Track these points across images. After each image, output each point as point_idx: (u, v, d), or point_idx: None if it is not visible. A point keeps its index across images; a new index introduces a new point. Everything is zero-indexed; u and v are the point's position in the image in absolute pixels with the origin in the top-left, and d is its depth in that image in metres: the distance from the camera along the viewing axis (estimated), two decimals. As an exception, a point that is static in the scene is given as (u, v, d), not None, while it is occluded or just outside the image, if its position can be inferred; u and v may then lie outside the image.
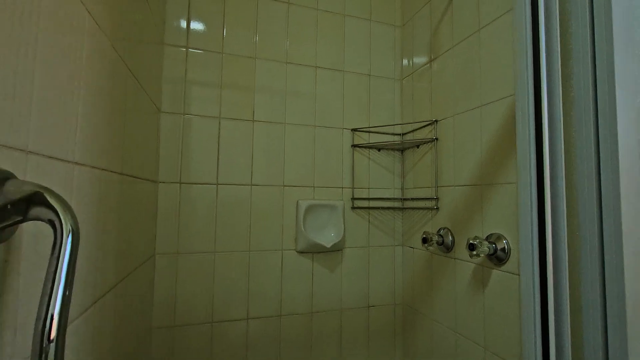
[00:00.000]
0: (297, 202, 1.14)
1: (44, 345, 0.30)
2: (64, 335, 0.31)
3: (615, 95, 0.46)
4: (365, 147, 1.21)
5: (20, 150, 0.33)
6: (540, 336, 0.52)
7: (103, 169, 0.56)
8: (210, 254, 1.05)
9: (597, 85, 0.48)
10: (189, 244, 1.03)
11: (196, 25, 1.09)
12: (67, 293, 0.31)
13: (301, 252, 1.14)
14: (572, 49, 0.52)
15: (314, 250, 1.14)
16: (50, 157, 0.39)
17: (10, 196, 0.29)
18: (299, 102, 1.18)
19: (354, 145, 1.22)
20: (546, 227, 0.53)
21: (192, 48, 1.08)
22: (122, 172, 0.68)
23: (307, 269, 1.14)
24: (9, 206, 0.29)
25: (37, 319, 0.30)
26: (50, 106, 0.39)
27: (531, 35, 0.56)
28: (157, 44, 0.99)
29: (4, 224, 0.29)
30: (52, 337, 0.30)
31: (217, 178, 1.07)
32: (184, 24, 1.08)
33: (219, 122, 1.09)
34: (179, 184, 1.04)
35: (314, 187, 1.17)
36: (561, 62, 0.52)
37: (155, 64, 0.98)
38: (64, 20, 0.41)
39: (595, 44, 0.49)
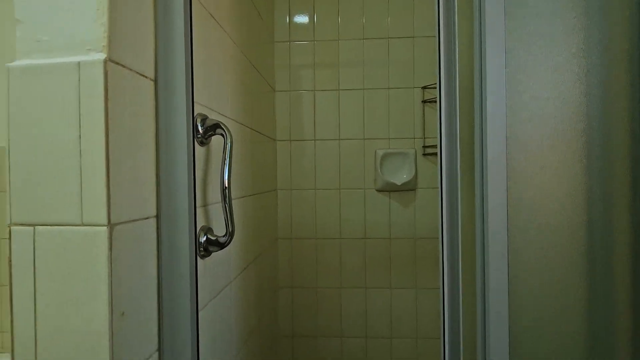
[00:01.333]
0: (375, 151, 1.43)
1: (224, 189, 0.72)
2: (229, 185, 0.72)
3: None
4: (433, 101, 1.38)
5: (210, 109, 0.75)
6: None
7: (241, 124, 0.99)
8: (312, 190, 1.46)
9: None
10: (298, 183, 1.46)
11: (295, 22, 1.47)
12: (229, 167, 0.72)
13: (379, 190, 1.43)
14: None
15: (390, 189, 1.41)
16: (219, 113, 0.81)
17: (208, 123, 0.71)
18: (375, 70, 1.44)
19: (424, 101, 1.41)
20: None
21: (293, 40, 1.47)
22: (253, 128, 1.11)
23: (385, 204, 1.43)
24: (208, 128, 0.71)
25: (221, 178, 0.71)
26: (220, 88, 0.81)
27: None
28: (269, 42, 1.41)
29: (207, 135, 0.71)
30: (225, 185, 0.72)
31: (314, 135, 1.46)
32: (286, 24, 1.47)
33: (314, 94, 1.46)
34: (289, 142, 1.47)
35: (389, 138, 1.43)
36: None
37: (269, 56, 1.41)
38: (221, 45, 0.83)
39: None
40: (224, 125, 0.70)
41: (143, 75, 0.52)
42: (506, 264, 0.54)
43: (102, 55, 0.44)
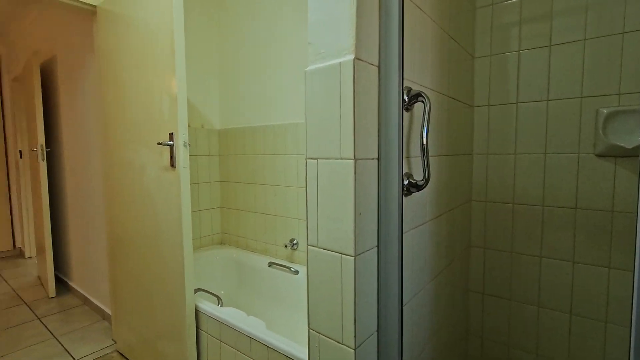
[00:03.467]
0: (597, 110, 1.23)
1: (423, 144, 0.92)
2: (427, 141, 0.91)
3: None
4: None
5: (413, 81, 0.96)
6: None
7: (438, 92, 1.15)
8: (511, 155, 1.43)
9: None
10: (496, 147, 1.47)
11: (500, -18, 1.43)
12: (427, 127, 0.90)
13: (600, 155, 1.23)
14: None
15: (615, 154, 1.19)
16: (420, 84, 1.01)
17: (412, 93, 0.92)
18: (604, 12, 1.21)
19: (684, 39, 1.07)
20: None
21: (496, 2, 1.44)
22: (449, 95, 1.24)
23: (607, 170, 1.23)
24: (412, 97, 0.92)
25: (421, 135, 0.92)
26: (421, 63, 1.00)
27: None
28: (470, 10, 1.45)
29: (411, 103, 0.92)
30: (424, 142, 0.91)
31: (516, 98, 1.41)
32: (489, -14, 1.45)
33: (518, 55, 1.40)
34: (487, 107, 1.49)
35: (619, 94, 1.19)
36: None
37: (469, 24, 1.45)
38: (423, 27, 1.01)
39: None
40: (424, 94, 0.90)
41: (371, 64, 0.78)
42: None
43: (352, 56, 0.72)
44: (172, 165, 1.46)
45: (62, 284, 2.88)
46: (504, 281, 1.51)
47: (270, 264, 2.10)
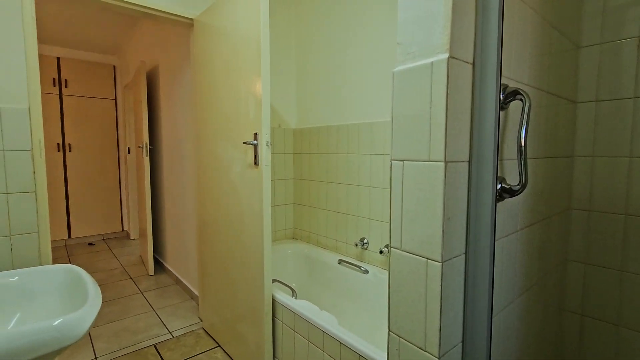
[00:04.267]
0: None
1: (520, 146, 0.84)
2: (525, 143, 0.83)
3: None
4: None
5: (509, 78, 0.89)
6: None
7: (536, 88, 1.04)
8: (625, 158, 1.23)
9: None
10: (604, 149, 1.28)
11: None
12: (526, 128, 0.83)
13: None
14: None
15: None
16: (516, 80, 0.92)
17: (508, 91, 0.85)
18: None
19: None
20: None
21: (612, -19, 1.24)
22: (548, 91, 1.12)
23: None
24: (507, 95, 0.85)
25: (518, 136, 0.84)
26: (519, 58, 0.92)
27: None
28: (576, -7, 1.28)
29: (507, 101, 0.85)
30: (522, 144, 0.84)
31: (635, 91, 1.21)
32: (603, -37, 1.26)
33: (639, 40, 1.19)
34: (594, 102, 1.30)
35: None
36: None
37: (575, 7, 1.28)
38: (522, 19, 0.92)
39: None
40: (523, 91, 0.82)
41: (465, 62, 0.74)
42: None
43: (446, 55, 0.69)
44: (256, 163, 1.57)
45: (158, 264, 3.30)
46: (609, 303, 1.31)
47: (340, 262, 2.13)
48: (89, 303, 0.85)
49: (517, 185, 0.83)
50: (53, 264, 3.22)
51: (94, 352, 1.88)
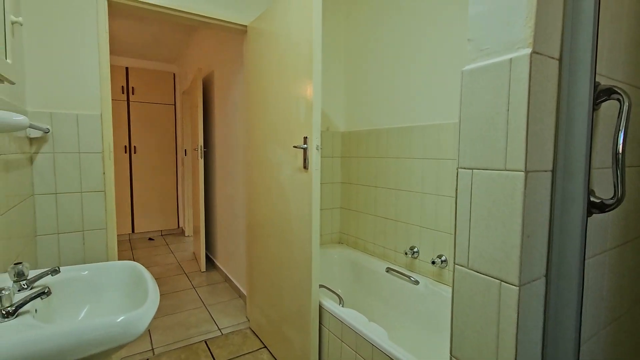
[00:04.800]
0: None
1: (617, 153, 0.72)
2: (623, 150, 0.71)
3: None
4: None
5: (599, 74, 0.77)
6: None
7: (634, 86, 0.89)
8: None
9: None
10: None
11: None
12: (625, 132, 0.70)
13: None
14: None
15: None
16: (608, 77, 0.80)
17: (600, 89, 0.73)
18: None
19: None
20: None
21: None
22: (646, 89, 0.96)
23: None
24: (599, 94, 0.73)
25: (615, 142, 0.72)
26: (611, 52, 0.79)
27: None
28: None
29: (598, 102, 0.74)
30: (619, 150, 0.72)
31: None
32: None
33: None
34: None
35: None
36: None
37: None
38: (620, 2, 0.79)
39: None
40: (620, 89, 0.70)
41: (551, 57, 0.65)
42: None
43: (528, 50, 0.61)
44: (305, 167, 1.56)
45: (210, 262, 3.45)
46: None
47: (388, 270, 2.05)
48: (148, 301, 0.88)
49: (611, 199, 0.71)
50: (118, 257, 3.49)
51: (152, 344, 2.00)
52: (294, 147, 1.56)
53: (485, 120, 0.67)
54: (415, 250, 1.94)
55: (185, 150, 4.32)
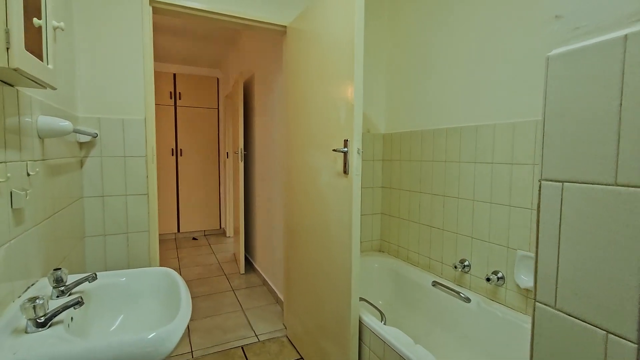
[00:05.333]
0: None
1: None
2: None
3: None
4: None
5: None
6: None
7: None
8: None
9: None
10: None
11: None
12: None
13: None
14: None
15: None
16: None
17: None
18: None
19: None
20: None
21: None
22: None
23: None
24: None
25: None
26: None
27: None
28: None
29: None
30: None
31: None
32: None
33: None
34: None
35: None
36: None
37: None
38: None
39: None
40: None
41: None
42: None
43: (646, 25, 0.46)
44: (345, 171, 1.46)
45: (249, 264, 3.47)
46: None
47: (435, 284, 1.88)
48: (179, 316, 0.84)
49: None
50: (164, 257, 3.62)
51: (191, 346, 2.01)
52: (334, 150, 1.47)
53: (584, 118, 0.53)
54: (467, 264, 1.76)
55: (227, 152, 4.42)
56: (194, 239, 4.51)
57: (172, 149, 4.43)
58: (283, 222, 2.20)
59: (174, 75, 4.37)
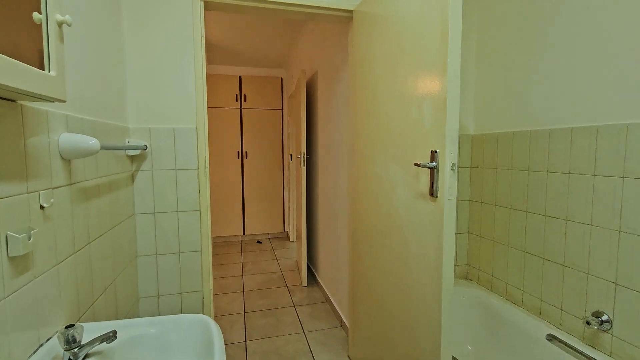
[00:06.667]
0: None
1: None
2: None
3: None
4: None
5: None
6: None
7: None
8: None
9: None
10: None
11: None
12: None
13: None
14: None
15: None
16: None
17: None
18: None
19: None
20: None
21: None
22: None
23: None
24: None
25: None
26: None
27: None
28: None
29: None
30: None
31: None
32: None
33: None
34: None
35: None
36: None
37: None
38: None
39: None
40: None
41: None
42: None
43: None
44: (432, 194, 1.09)
45: (311, 274, 3.25)
46: None
47: (551, 338, 1.40)
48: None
49: None
50: (229, 259, 3.58)
51: (246, 375, 1.83)
52: (416, 165, 1.11)
53: None
54: (605, 319, 1.25)
55: (291, 155, 4.27)
56: (258, 242, 4.47)
57: (238, 152, 4.43)
58: (347, 242, 1.89)
59: (240, 77, 4.34)
